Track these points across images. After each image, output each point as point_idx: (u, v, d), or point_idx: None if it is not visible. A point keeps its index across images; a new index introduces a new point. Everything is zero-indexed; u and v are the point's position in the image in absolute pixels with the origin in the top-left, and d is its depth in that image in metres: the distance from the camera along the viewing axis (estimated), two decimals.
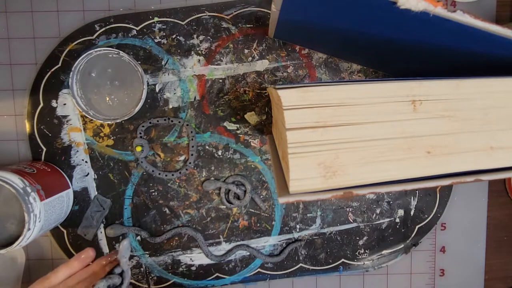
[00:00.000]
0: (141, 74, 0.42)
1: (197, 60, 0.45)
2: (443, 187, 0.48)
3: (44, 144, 0.46)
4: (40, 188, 0.39)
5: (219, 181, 0.46)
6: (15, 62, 0.46)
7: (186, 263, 0.47)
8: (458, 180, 0.26)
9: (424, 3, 0.24)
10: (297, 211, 0.47)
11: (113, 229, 0.46)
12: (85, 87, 0.43)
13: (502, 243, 0.50)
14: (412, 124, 0.26)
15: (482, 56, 0.31)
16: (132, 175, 0.46)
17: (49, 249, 0.47)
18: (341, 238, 0.48)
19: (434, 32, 0.28)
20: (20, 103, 0.46)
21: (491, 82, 0.27)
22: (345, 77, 0.46)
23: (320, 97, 0.24)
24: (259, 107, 0.46)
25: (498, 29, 0.26)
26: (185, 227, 0.47)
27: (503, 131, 0.27)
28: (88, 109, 0.43)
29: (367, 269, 0.48)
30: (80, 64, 0.42)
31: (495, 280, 0.50)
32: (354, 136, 0.25)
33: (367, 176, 0.26)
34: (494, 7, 0.47)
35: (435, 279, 0.49)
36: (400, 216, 0.48)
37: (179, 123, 0.46)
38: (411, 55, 0.36)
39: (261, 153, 0.47)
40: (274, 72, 0.46)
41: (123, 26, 0.45)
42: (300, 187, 0.25)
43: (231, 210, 0.47)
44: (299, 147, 0.25)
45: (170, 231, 0.47)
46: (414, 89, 0.26)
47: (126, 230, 0.46)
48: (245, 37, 0.46)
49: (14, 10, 0.45)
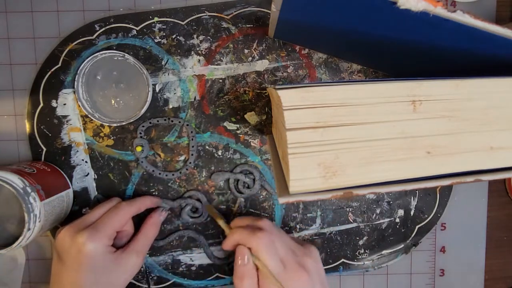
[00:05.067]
0: (146, 77, 0.43)
1: (197, 60, 0.46)
2: (443, 187, 0.48)
3: (44, 144, 0.46)
4: (40, 188, 0.39)
5: (227, 172, 0.46)
6: (15, 62, 0.46)
7: (186, 263, 0.47)
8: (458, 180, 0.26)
9: (424, 3, 0.24)
10: (297, 211, 0.47)
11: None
12: (91, 90, 0.43)
13: (502, 243, 0.50)
14: (412, 124, 0.26)
15: (482, 56, 0.31)
16: (132, 175, 0.46)
17: (49, 249, 0.47)
18: (341, 238, 0.48)
19: (434, 32, 0.28)
20: (20, 103, 0.46)
21: (491, 82, 0.27)
22: (345, 77, 0.46)
23: (320, 97, 0.24)
24: (259, 107, 0.46)
25: (498, 29, 0.26)
26: (187, 229, 0.47)
27: (503, 131, 0.27)
28: (93, 112, 0.43)
29: (367, 269, 0.48)
30: (86, 67, 0.42)
31: (495, 280, 0.50)
32: (354, 136, 0.25)
33: (367, 176, 0.26)
34: (494, 7, 0.47)
35: (435, 279, 0.49)
36: (400, 216, 0.48)
37: (179, 123, 0.46)
38: (411, 55, 0.36)
39: (261, 153, 0.47)
40: (274, 72, 0.46)
41: (123, 26, 0.45)
42: (300, 187, 0.25)
43: (231, 210, 0.47)
44: (299, 147, 0.25)
45: (173, 234, 0.47)
46: (414, 89, 0.26)
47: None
48: (245, 37, 0.46)
49: (14, 10, 0.45)
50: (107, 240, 0.38)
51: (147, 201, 0.44)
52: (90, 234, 0.37)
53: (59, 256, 0.38)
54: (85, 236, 0.37)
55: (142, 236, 0.42)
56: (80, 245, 0.36)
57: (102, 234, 0.38)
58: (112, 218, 0.39)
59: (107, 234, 0.38)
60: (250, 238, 0.37)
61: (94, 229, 0.38)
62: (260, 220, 0.40)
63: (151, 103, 0.45)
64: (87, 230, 0.37)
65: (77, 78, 0.43)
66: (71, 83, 0.45)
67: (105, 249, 0.38)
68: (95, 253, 0.37)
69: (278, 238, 0.38)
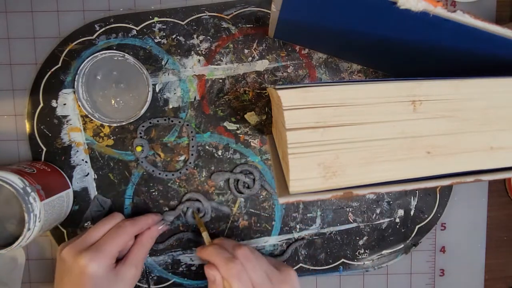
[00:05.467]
0: (146, 77, 0.43)
1: (197, 60, 0.46)
2: (443, 187, 0.48)
3: (44, 144, 0.46)
4: (40, 188, 0.39)
5: (227, 172, 0.46)
6: (15, 62, 0.46)
7: (186, 263, 0.47)
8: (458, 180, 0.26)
9: (424, 3, 0.24)
10: (297, 211, 0.47)
11: None
12: (91, 90, 0.44)
13: (502, 243, 0.50)
14: (412, 124, 0.26)
15: (482, 56, 0.31)
16: (132, 175, 0.46)
17: (49, 249, 0.47)
18: (341, 238, 0.48)
19: (434, 32, 0.28)
20: (20, 103, 0.46)
21: (491, 82, 0.27)
22: (345, 77, 0.46)
23: (320, 97, 0.24)
24: (259, 107, 0.46)
25: (498, 29, 0.26)
26: (188, 232, 0.47)
27: (503, 131, 0.27)
28: (93, 112, 0.43)
29: (367, 269, 0.48)
30: (86, 67, 0.42)
31: (495, 280, 0.50)
32: (354, 136, 0.25)
33: (367, 176, 0.26)
34: (494, 7, 0.47)
35: (435, 279, 0.49)
36: (400, 216, 0.48)
37: (179, 123, 0.46)
38: (411, 55, 0.36)
39: (261, 153, 0.47)
40: (274, 72, 0.46)
41: (123, 26, 0.45)
42: (300, 187, 0.25)
43: (231, 210, 0.47)
44: (299, 147, 0.25)
45: (173, 236, 0.47)
46: (414, 89, 0.26)
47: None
48: (245, 37, 0.46)
49: (14, 10, 0.45)
50: (110, 260, 0.38)
51: (149, 220, 0.44)
52: (92, 256, 0.37)
53: (61, 275, 0.38)
54: (87, 258, 0.37)
55: (140, 248, 0.42)
56: (82, 266, 0.37)
57: (105, 255, 0.38)
58: (115, 239, 0.39)
59: (110, 255, 0.38)
60: (222, 266, 0.37)
61: (97, 250, 0.38)
62: (238, 248, 0.39)
63: (151, 103, 0.45)
64: (90, 251, 0.37)
65: (77, 78, 0.43)
66: (71, 83, 0.45)
67: (107, 268, 0.38)
68: (97, 274, 0.37)
69: (252, 266, 0.38)
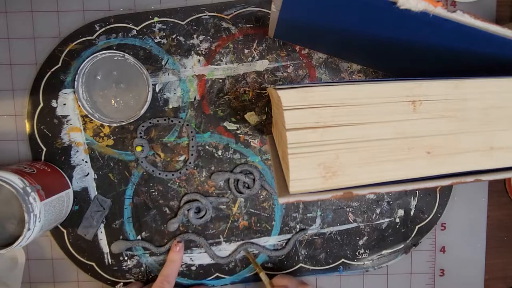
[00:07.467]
0: (146, 77, 0.43)
1: (197, 60, 0.45)
2: (443, 187, 0.48)
3: (44, 144, 0.46)
4: (40, 188, 0.39)
5: (227, 172, 0.46)
6: (15, 62, 0.46)
7: (186, 263, 0.47)
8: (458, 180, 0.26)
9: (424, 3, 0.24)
10: (297, 211, 0.47)
11: (117, 245, 0.46)
12: (91, 90, 0.44)
13: (502, 243, 0.50)
14: (412, 124, 0.26)
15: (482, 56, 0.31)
16: (132, 175, 0.46)
17: (49, 249, 0.47)
18: (341, 238, 0.48)
19: (434, 32, 0.28)
20: (20, 103, 0.46)
21: (491, 82, 0.26)
22: (345, 77, 0.46)
23: (320, 97, 0.24)
24: (259, 107, 0.46)
25: (498, 29, 0.26)
26: (188, 233, 0.47)
27: (503, 131, 0.27)
28: (93, 112, 0.43)
29: (367, 269, 0.48)
30: (86, 67, 0.42)
31: (495, 280, 0.50)
32: (354, 136, 0.25)
33: (367, 176, 0.26)
34: (494, 7, 0.47)
35: (435, 279, 0.49)
36: (400, 216, 0.48)
37: (179, 123, 0.46)
38: (411, 55, 0.36)
39: (261, 153, 0.47)
40: (274, 72, 0.46)
41: (123, 26, 0.45)
42: (300, 187, 0.25)
43: (231, 210, 0.47)
44: (299, 148, 0.25)
45: (174, 239, 0.46)
46: (414, 89, 0.26)
47: (130, 244, 0.46)
48: (245, 37, 0.46)
49: (14, 10, 0.45)
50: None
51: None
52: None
53: None
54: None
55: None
56: None
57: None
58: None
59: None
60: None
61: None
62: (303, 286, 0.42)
63: (151, 103, 0.45)
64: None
65: (77, 78, 0.43)
66: (71, 83, 0.45)
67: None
68: None
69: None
